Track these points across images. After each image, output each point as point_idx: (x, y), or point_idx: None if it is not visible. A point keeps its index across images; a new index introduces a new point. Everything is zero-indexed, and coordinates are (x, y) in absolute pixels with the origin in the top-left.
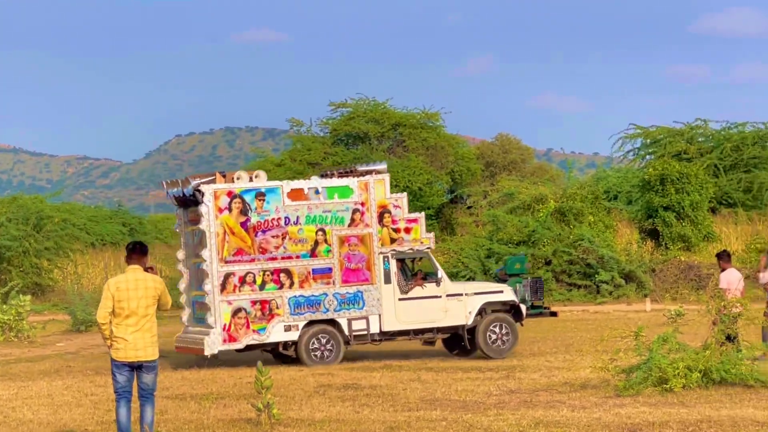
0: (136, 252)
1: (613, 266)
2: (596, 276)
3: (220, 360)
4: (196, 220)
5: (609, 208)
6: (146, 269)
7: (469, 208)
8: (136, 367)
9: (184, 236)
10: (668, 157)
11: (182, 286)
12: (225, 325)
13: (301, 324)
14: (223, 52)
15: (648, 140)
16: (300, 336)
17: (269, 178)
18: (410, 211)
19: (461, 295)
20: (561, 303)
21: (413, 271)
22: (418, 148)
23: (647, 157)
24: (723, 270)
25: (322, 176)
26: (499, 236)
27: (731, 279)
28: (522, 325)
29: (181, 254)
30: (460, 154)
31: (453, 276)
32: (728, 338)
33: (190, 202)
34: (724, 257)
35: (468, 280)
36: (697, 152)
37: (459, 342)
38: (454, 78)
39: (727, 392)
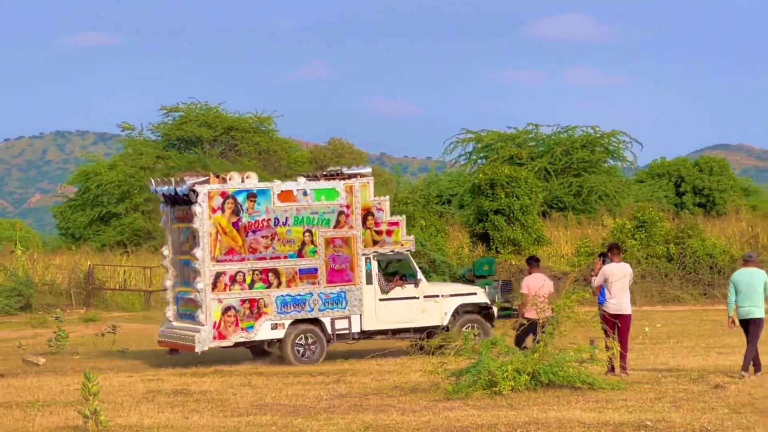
0: None
1: (444, 270)
2: (427, 280)
3: (46, 367)
4: (184, 217)
5: (441, 212)
6: None
7: None
8: None
9: (171, 233)
10: (500, 162)
11: (167, 282)
12: (215, 322)
13: (287, 322)
14: (52, 55)
15: (480, 145)
16: (285, 336)
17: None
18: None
19: (438, 296)
20: None
21: (387, 272)
22: (251, 152)
23: (479, 161)
24: (530, 274)
25: (307, 177)
26: None
27: (531, 284)
28: (493, 326)
29: (166, 251)
30: (293, 159)
31: None
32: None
33: (180, 200)
34: (531, 262)
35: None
36: (529, 157)
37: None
38: (286, 82)
39: (555, 394)
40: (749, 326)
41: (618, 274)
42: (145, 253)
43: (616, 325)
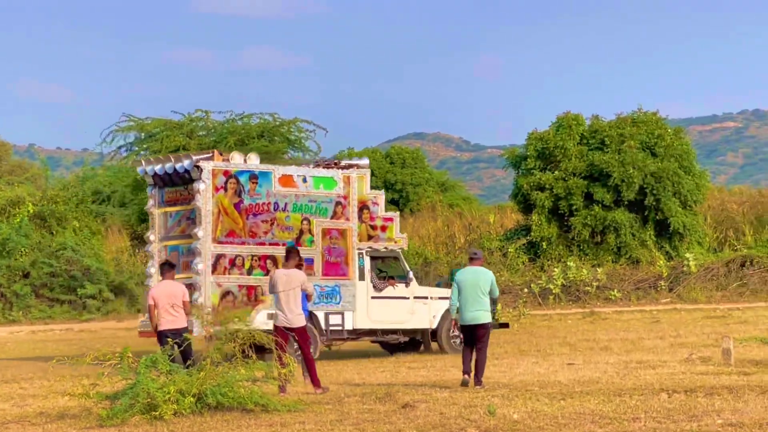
0: None
1: (100, 278)
2: (81, 289)
3: None
4: (175, 200)
5: (98, 211)
6: None
7: None
8: None
9: (158, 217)
10: (166, 153)
11: (151, 270)
12: (214, 307)
13: None
14: None
15: (143, 134)
16: None
17: None
18: None
19: (427, 298)
20: (42, 321)
21: (380, 271)
22: None
23: (142, 153)
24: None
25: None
26: None
27: (156, 293)
28: None
29: (152, 236)
30: None
31: None
32: (184, 357)
33: (175, 180)
34: (163, 268)
35: None
36: (198, 147)
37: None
38: None
39: (224, 418)
40: (477, 332)
41: (284, 283)
42: None
43: (293, 339)
